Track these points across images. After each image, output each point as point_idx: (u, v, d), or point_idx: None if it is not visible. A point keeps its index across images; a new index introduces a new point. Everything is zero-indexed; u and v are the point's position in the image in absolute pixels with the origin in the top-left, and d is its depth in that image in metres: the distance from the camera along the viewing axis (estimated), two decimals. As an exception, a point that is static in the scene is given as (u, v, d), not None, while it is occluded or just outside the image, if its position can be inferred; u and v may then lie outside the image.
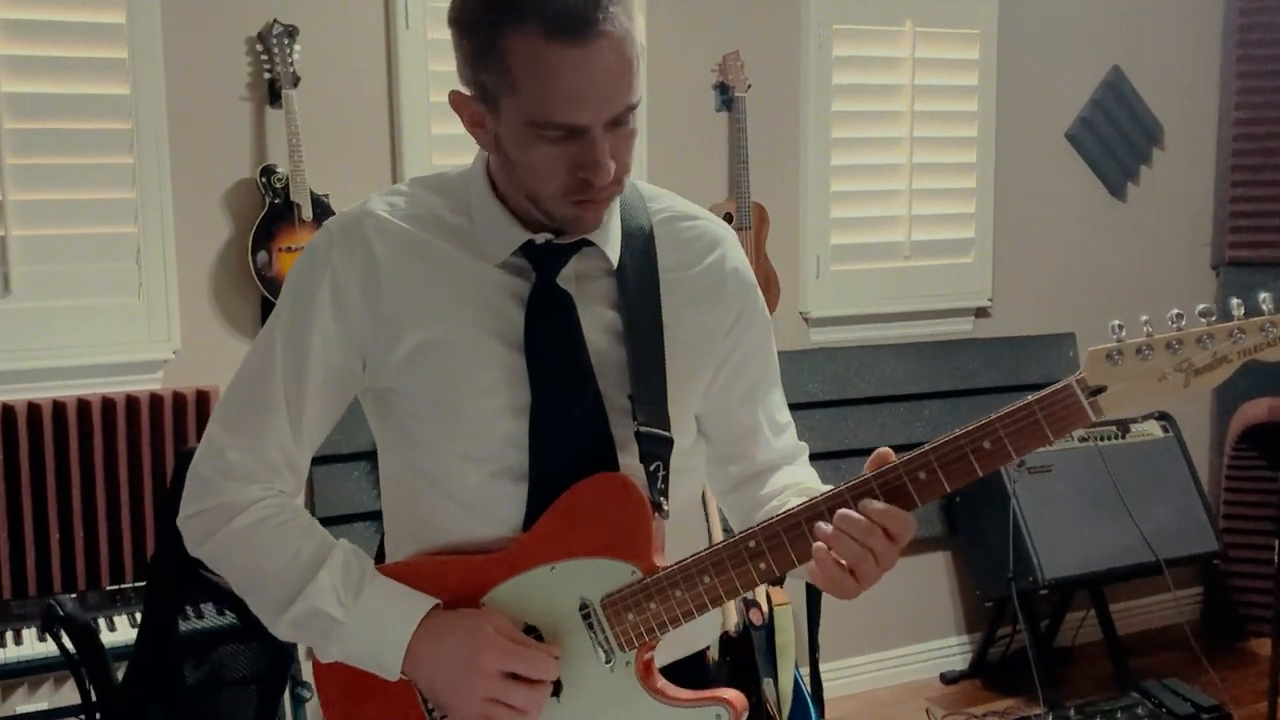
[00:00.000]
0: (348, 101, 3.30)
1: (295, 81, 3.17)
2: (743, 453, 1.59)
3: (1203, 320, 1.27)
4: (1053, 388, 1.29)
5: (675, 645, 1.50)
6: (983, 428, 1.30)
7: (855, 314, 4.09)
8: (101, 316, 3.11)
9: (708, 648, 1.63)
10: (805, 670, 3.76)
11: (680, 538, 1.45)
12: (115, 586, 3.00)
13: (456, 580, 1.43)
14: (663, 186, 3.76)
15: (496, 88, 1.31)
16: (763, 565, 1.36)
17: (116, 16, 3.05)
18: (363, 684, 1.43)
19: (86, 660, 2.18)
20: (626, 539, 1.39)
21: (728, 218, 3.74)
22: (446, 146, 3.37)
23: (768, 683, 3.49)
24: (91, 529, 3.04)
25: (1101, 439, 4.04)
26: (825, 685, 3.84)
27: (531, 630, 1.41)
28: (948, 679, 4.27)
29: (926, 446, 1.32)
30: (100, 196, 3.09)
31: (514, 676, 1.36)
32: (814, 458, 4.30)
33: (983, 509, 3.97)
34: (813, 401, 3.98)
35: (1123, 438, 4.08)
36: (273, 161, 3.22)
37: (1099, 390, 1.28)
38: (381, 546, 1.59)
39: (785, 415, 1.62)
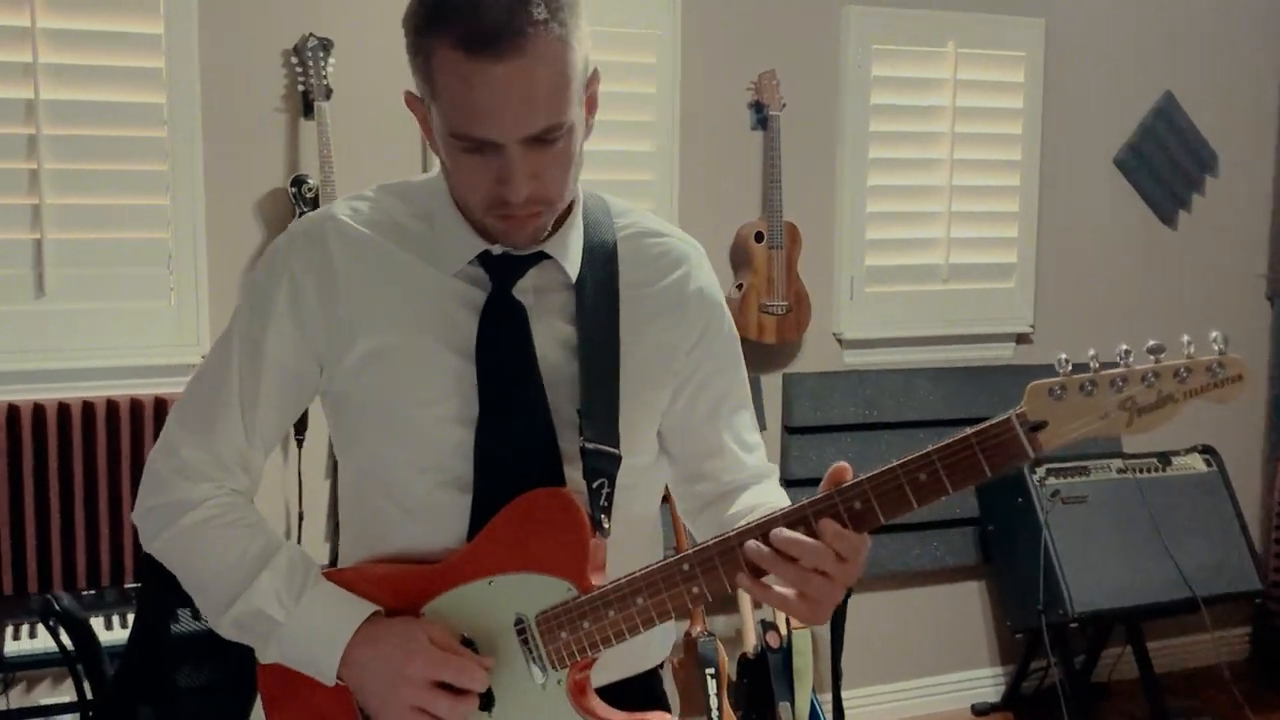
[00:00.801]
0: (379, 114, 3.34)
1: (328, 94, 3.21)
2: (709, 472, 1.57)
3: (1151, 358, 1.23)
4: (991, 421, 1.26)
5: (621, 664, 1.49)
6: (920, 459, 1.28)
7: (890, 336, 4.04)
8: (133, 320, 3.18)
9: (661, 665, 1.61)
10: (827, 696, 3.72)
11: (633, 554, 1.43)
12: (137, 585, 3.06)
13: (399, 589, 1.43)
14: (695, 204, 3.77)
15: (426, 94, 1.33)
16: (695, 589, 1.34)
17: (154, 27, 3.12)
18: (303, 687, 1.44)
19: (82, 656, 2.23)
20: (563, 556, 1.38)
21: (758, 236, 3.73)
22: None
23: (784, 706, 3.46)
24: (116, 527, 3.10)
25: (1141, 471, 3.94)
26: (849, 713, 3.79)
27: (468, 643, 1.40)
28: (978, 711, 4.19)
29: (863, 476, 1.30)
30: (134, 202, 3.16)
31: (443, 686, 1.36)
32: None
33: (1015, 538, 3.90)
34: (844, 424, 3.93)
35: (1163, 470, 3.98)
36: (304, 172, 3.27)
37: (1039, 426, 1.25)
38: (337, 551, 1.60)
39: (754, 436, 1.60)
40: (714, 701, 3.39)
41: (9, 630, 2.71)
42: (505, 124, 1.27)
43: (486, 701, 1.39)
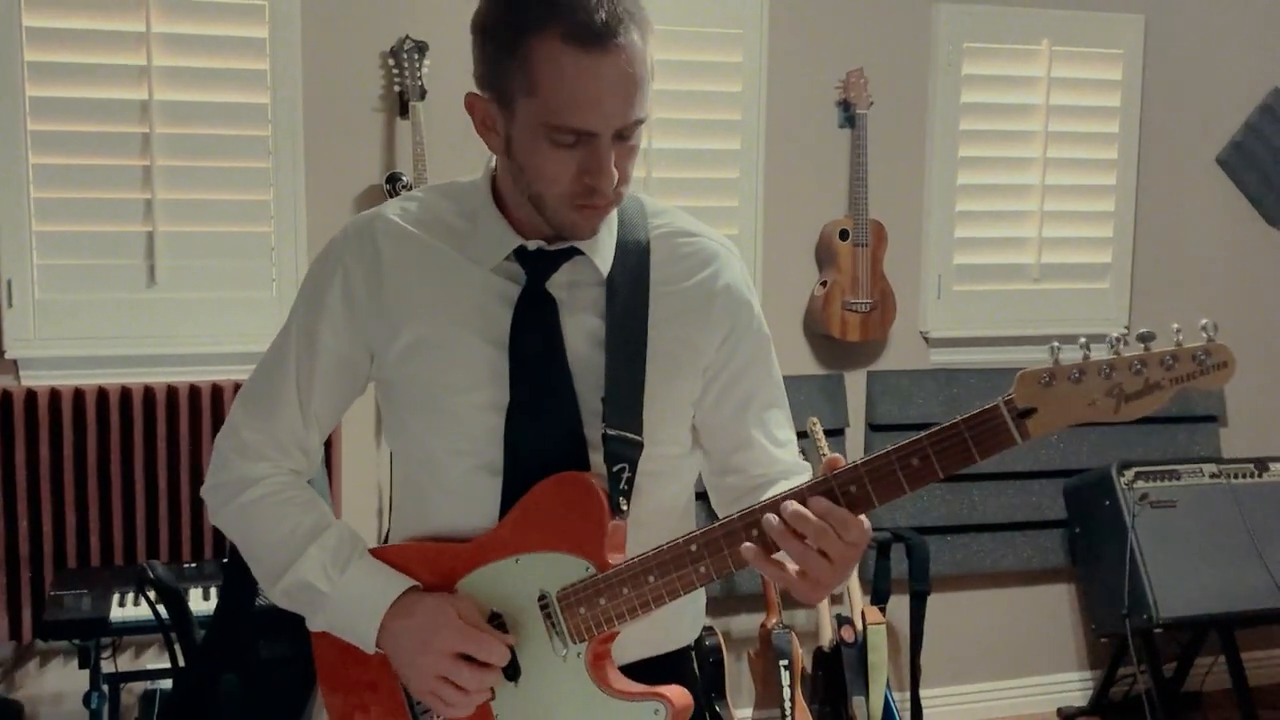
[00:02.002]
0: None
1: (422, 94, 3.34)
2: (738, 466, 1.62)
3: (1141, 345, 1.27)
4: (981, 408, 1.30)
5: (648, 642, 1.56)
6: (912, 444, 1.33)
7: (978, 335, 4.03)
8: (237, 309, 3.35)
9: (692, 647, 1.68)
10: (907, 694, 3.73)
11: (663, 537, 1.48)
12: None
13: (437, 565, 1.53)
14: (780, 201, 3.80)
15: (515, 90, 1.39)
16: (702, 569, 1.41)
17: (260, 31, 3.29)
18: (350, 654, 1.54)
19: (174, 624, 2.38)
20: (583, 536, 1.45)
21: (843, 234, 3.75)
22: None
23: (858, 701, 3.48)
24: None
25: (1235, 476, 3.86)
26: (927, 712, 3.81)
27: (496, 617, 1.49)
28: (1065, 715, 4.15)
29: (859, 460, 1.35)
30: (239, 198, 3.34)
31: (467, 658, 1.45)
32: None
33: (1100, 541, 3.85)
34: (930, 422, 3.87)
35: (1259, 476, 3.89)
36: (399, 169, 3.40)
37: (1029, 412, 1.29)
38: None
39: (785, 433, 1.64)
40: (787, 693, 3.44)
41: (115, 597, 2.88)
42: (605, 114, 1.36)
43: (513, 672, 1.48)
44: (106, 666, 3.03)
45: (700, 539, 1.40)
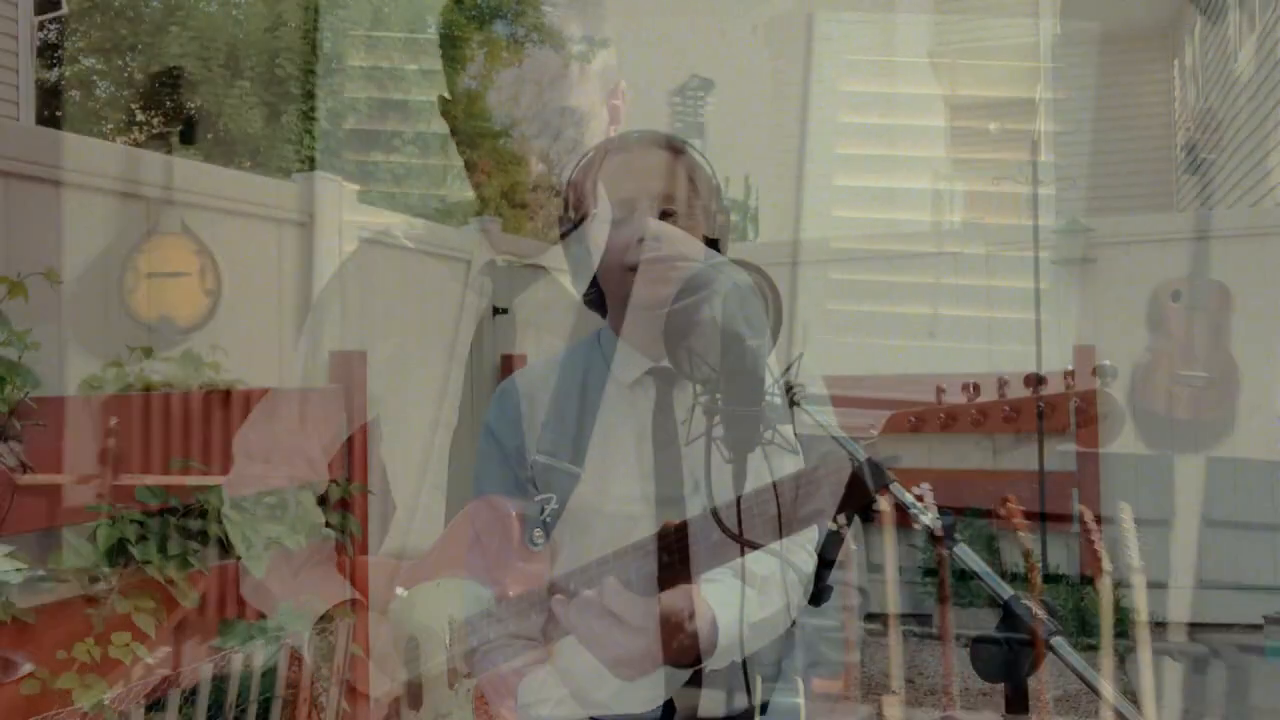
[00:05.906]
0: (756, 148, 3.38)
1: (700, 131, 3.32)
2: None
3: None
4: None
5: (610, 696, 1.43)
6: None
7: (1363, 427, 3.34)
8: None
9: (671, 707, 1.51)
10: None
11: None
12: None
13: (392, 579, 1.50)
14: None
15: None
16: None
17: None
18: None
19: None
20: (490, 564, 1.36)
21: (1176, 296, 3.26)
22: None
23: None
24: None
25: None
26: None
27: (414, 641, 1.42)
28: None
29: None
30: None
31: None
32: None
33: None
34: (1286, 526, 3.32)
35: None
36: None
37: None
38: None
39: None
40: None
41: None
42: None
43: (415, 702, 1.40)
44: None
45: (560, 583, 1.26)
